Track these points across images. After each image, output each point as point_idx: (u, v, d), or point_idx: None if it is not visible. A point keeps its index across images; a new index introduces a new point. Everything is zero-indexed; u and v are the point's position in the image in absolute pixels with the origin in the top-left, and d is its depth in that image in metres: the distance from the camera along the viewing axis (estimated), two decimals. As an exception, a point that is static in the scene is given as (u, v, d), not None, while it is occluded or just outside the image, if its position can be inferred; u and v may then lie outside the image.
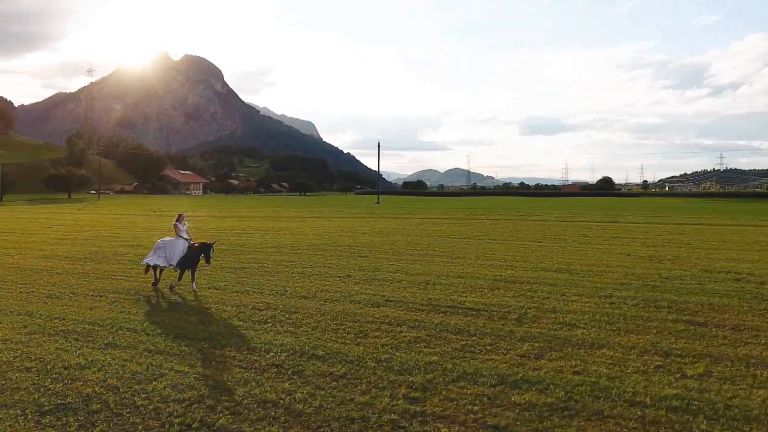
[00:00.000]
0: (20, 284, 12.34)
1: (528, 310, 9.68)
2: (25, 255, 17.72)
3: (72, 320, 8.97)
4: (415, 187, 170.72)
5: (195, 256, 11.51)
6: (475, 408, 5.41)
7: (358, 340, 7.82)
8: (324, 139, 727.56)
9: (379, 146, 76.35)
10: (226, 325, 8.70)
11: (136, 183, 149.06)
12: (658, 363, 6.84)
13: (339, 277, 13.44)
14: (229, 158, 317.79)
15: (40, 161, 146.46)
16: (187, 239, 11.92)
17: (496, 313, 9.54)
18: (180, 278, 11.73)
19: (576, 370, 6.56)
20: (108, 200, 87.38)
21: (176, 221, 12.22)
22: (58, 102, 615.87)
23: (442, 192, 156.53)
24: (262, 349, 7.38)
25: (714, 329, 8.46)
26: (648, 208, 53.40)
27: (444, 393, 5.82)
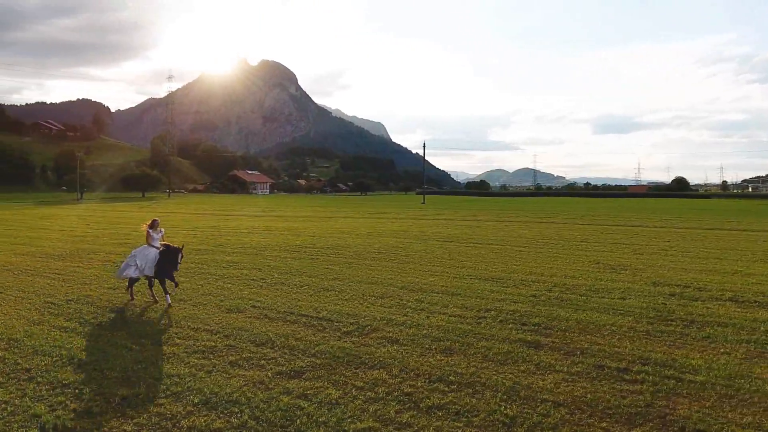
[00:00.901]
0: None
1: (375, 323, 9.12)
2: (8, 250, 19.03)
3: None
4: (477, 187, 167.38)
5: (170, 262, 10.41)
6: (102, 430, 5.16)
7: (148, 347, 7.70)
8: (393, 140, 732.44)
9: (424, 146, 75.51)
10: (57, 327, 8.86)
11: (207, 183, 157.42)
12: (387, 389, 6.19)
13: (253, 280, 13.36)
14: (301, 158, 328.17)
15: (126, 162, 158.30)
16: (158, 248, 10.67)
17: (339, 324, 9.07)
18: (163, 286, 10.55)
19: (300, 394, 6.06)
20: (177, 199, 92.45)
21: (149, 227, 10.79)
22: (149, 107, 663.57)
23: (503, 192, 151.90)
24: (42, 351, 7.45)
25: (542, 353, 7.54)
26: (704, 211, 48.87)
27: (110, 414, 5.56)
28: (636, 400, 5.93)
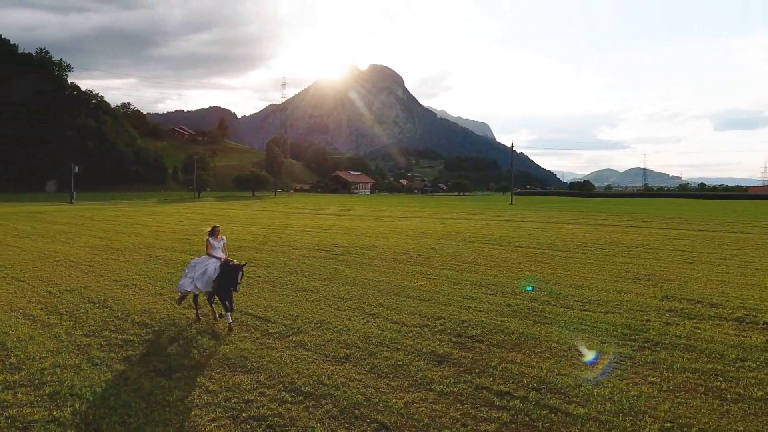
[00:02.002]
0: None
1: (306, 325, 9.02)
2: (82, 243, 21.35)
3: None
4: (580, 188, 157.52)
5: (230, 278, 8.93)
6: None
7: (78, 337, 8.27)
8: (498, 140, 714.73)
9: (512, 146, 72.61)
10: (26, 315, 9.80)
11: (313, 183, 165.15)
12: (231, 395, 6.03)
13: (248, 277, 13.66)
14: (407, 159, 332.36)
15: (244, 164, 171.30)
16: (219, 258, 9.40)
17: (272, 324, 9.09)
18: (223, 303, 9.13)
19: (147, 392, 6.14)
20: (281, 198, 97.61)
21: (209, 236, 9.59)
22: (270, 112, 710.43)
23: (605, 193, 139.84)
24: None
25: (438, 368, 6.95)
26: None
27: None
28: (476, 430, 5.25)
